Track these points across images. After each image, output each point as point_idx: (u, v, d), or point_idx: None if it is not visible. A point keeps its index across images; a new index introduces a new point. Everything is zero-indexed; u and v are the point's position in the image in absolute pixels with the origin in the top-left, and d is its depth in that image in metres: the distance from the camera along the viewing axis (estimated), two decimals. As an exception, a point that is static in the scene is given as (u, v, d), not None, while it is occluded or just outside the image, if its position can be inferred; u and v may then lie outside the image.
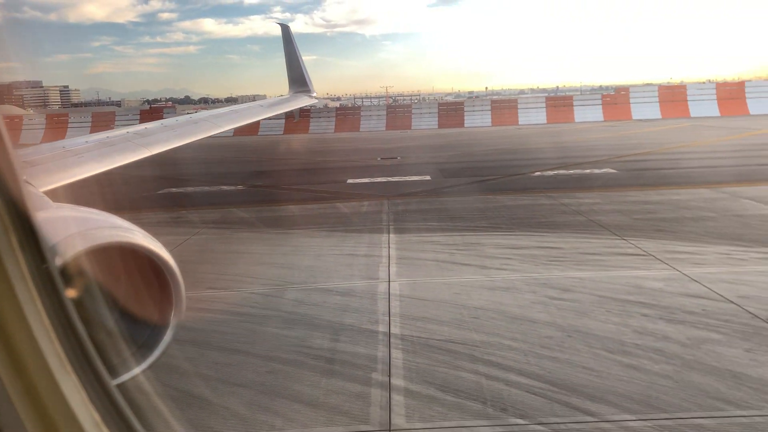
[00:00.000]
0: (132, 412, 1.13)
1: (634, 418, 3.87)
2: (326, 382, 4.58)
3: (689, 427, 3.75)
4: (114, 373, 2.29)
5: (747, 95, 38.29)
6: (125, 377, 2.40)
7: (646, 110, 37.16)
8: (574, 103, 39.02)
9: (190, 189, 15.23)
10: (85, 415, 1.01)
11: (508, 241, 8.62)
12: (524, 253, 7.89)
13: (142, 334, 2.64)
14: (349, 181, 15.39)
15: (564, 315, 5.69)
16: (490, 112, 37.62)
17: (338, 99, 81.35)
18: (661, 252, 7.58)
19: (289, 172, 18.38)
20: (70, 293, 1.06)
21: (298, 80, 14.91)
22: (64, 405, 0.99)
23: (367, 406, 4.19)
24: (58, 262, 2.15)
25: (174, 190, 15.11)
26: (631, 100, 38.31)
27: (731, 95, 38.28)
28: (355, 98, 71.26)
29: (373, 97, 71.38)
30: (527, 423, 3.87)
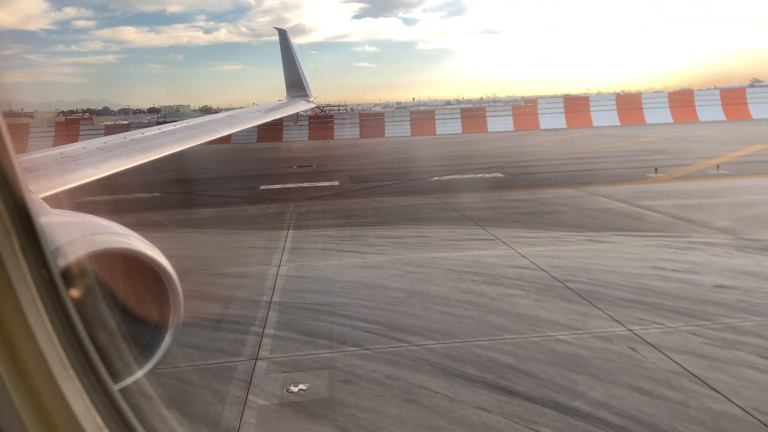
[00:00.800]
0: (134, 416, 1.14)
1: (435, 343, 5.44)
2: (213, 334, 5.91)
3: (472, 347, 5.35)
4: (116, 376, 2.33)
5: (644, 106, 42.32)
6: (127, 381, 2.44)
7: (552, 120, 40.33)
8: (487, 114, 41.75)
9: (107, 197, 16.00)
10: (87, 419, 1.02)
11: (390, 233, 10.21)
12: (399, 241, 9.49)
13: (142, 338, 2.71)
14: (262, 187, 16.65)
15: (413, 283, 7.27)
16: (409, 123, 39.77)
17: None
18: (507, 237, 9.35)
19: (208, 180, 19.40)
20: (72, 297, 1.17)
21: (296, 85, 14.95)
22: (67, 409, 0.99)
23: (242, 347, 5.56)
24: (59, 267, 2.20)
25: (90, 198, 15.82)
26: (539, 111, 41.46)
27: (630, 105, 42.19)
28: (281, 109, 71.83)
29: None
30: (357, 349, 5.37)
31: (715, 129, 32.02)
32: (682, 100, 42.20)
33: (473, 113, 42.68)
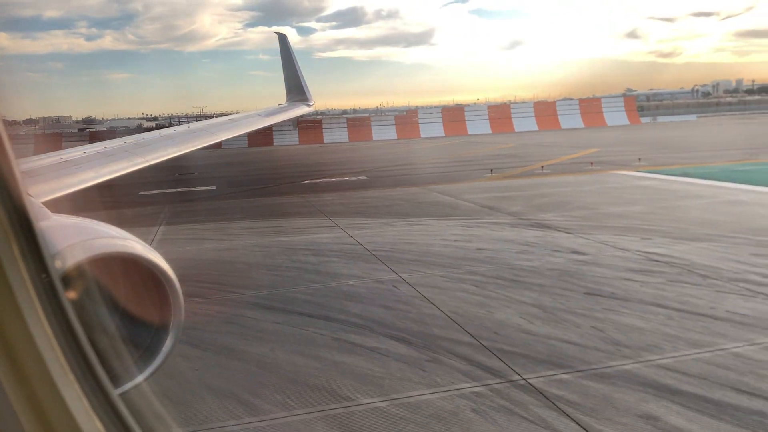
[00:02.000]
0: (134, 421, 1.15)
1: (259, 291, 7.54)
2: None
3: (286, 293, 7.50)
4: (116, 381, 2.34)
5: (513, 116, 46.95)
6: (127, 386, 2.45)
7: (432, 129, 43.88)
8: (372, 124, 44.69)
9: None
10: (87, 423, 1.02)
11: (250, 225, 12.21)
12: (256, 231, 11.52)
13: (143, 342, 2.72)
14: (141, 192, 18.02)
15: (257, 258, 9.34)
16: (297, 133, 41.81)
17: (155, 119, 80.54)
18: (345, 224, 11.65)
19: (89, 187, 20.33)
20: (71, 302, 1.13)
21: (296, 89, 14.82)
22: (67, 413, 1.00)
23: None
24: (59, 271, 2.18)
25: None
26: (420, 121, 44.94)
27: (500, 115, 46.71)
28: (171, 118, 71.36)
29: (190, 117, 72.06)
30: (198, 299, 7.35)
31: (568, 135, 36.66)
32: (545, 110, 47.32)
33: (360, 123, 45.48)
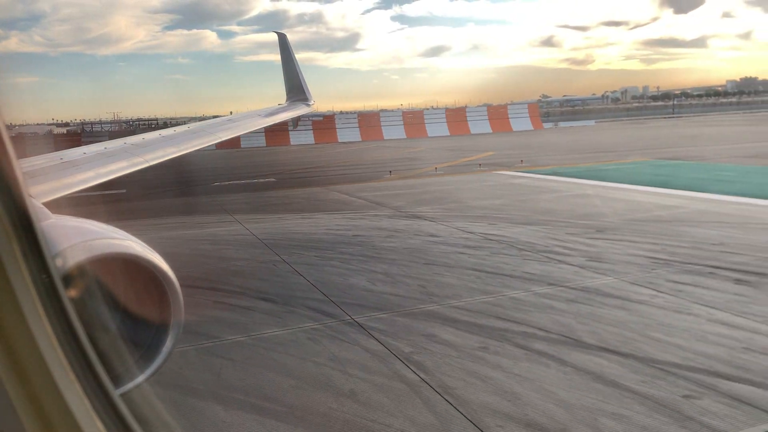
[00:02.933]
0: (135, 420, 1.16)
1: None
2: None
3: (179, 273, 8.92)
4: (117, 381, 2.36)
5: (426, 121, 49.49)
6: (129, 385, 2.47)
7: (349, 134, 45.72)
8: (289, 129, 45.95)
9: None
10: (88, 423, 1.02)
11: (156, 221, 13.44)
12: (162, 226, 12.78)
13: (143, 343, 2.74)
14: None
15: (159, 248, 10.66)
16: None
17: (66, 125, 78.03)
18: (244, 220, 13.11)
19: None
20: (72, 302, 1.13)
21: (296, 89, 14.88)
22: (68, 414, 1.00)
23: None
24: (60, 272, 2.16)
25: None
26: (337, 126, 46.66)
27: (414, 121, 49.15)
28: (83, 123, 69.48)
29: (104, 122, 70.44)
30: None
31: (474, 140, 39.36)
32: (456, 116, 50.23)
33: (278, 128, 46.61)
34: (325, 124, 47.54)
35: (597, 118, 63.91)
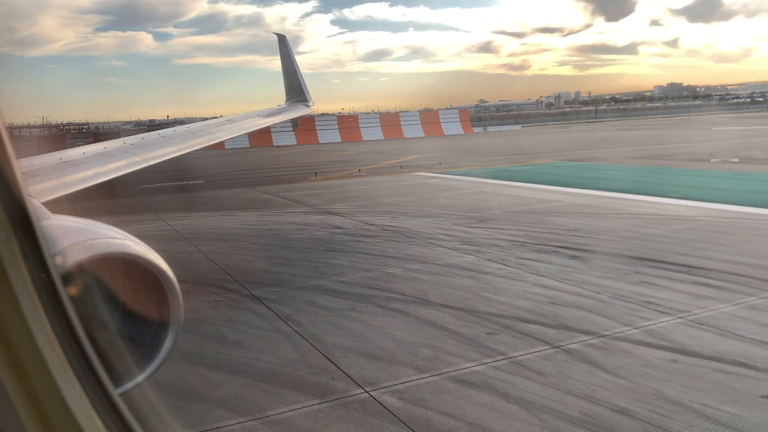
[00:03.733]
0: (135, 420, 1.16)
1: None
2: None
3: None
4: (117, 380, 2.38)
5: (361, 126, 51.02)
6: (128, 385, 2.49)
7: (284, 138, 46.68)
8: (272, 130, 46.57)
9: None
10: (88, 423, 1.03)
11: (84, 221, 14.29)
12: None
13: (143, 342, 2.77)
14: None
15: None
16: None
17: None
18: (169, 218, 14.13)
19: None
20: (72, 301, 1.10)
21: (295, 90, 14.77)
22: (67, 413, 1.01)
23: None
24: (59, 271, 1.93)
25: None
26: (272, 130, 47.50)
27: (349, 125, 50.61)
28: (11, 128, 67.30)
29: (33, 126, 68.59)
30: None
31: (405, 144, 41.07)
32: (391, 121, 52.03)
33: (264, 129, 47.02)
34: (261, 129, 48.24)
35: (533, 122, 67.25)
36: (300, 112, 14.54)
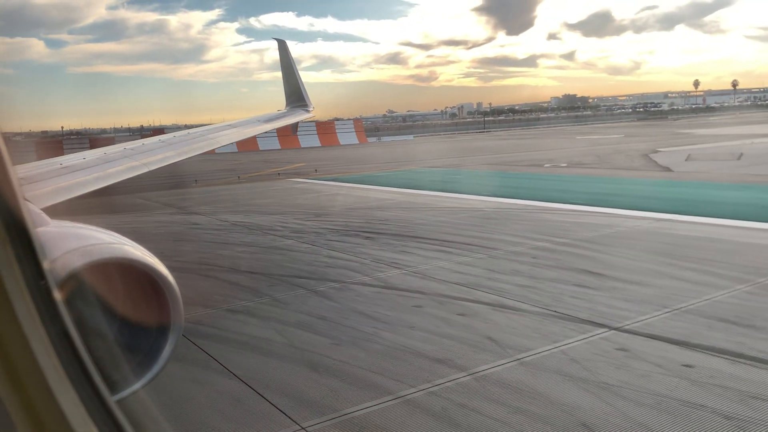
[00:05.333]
0: (132, 428, 1.16)
1: None
2: None
3: None
4: (114, 388, 2.32)
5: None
6: (125, 393, 2.48)
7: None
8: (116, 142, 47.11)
9: None
10: (84, 430, 1.03)
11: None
12: None
13: (141, 349, 2.76)
14: None
15: None
16: (34, 150, 42.59)
17: None
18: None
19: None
20: (68, 308, 1.10)
21: (295, 95, 14.78)
22: (63, 421, 1.00)
23: None
24: (57, 278, 2.20)
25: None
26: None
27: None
28: None
29: None
30: None
31: (297, 153, 43.44)
32: (286, 131, 54.15)
33: (105, 142, 47.54)
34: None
35: (431, 132, 71.46)
36: (300, 117, 14.70)
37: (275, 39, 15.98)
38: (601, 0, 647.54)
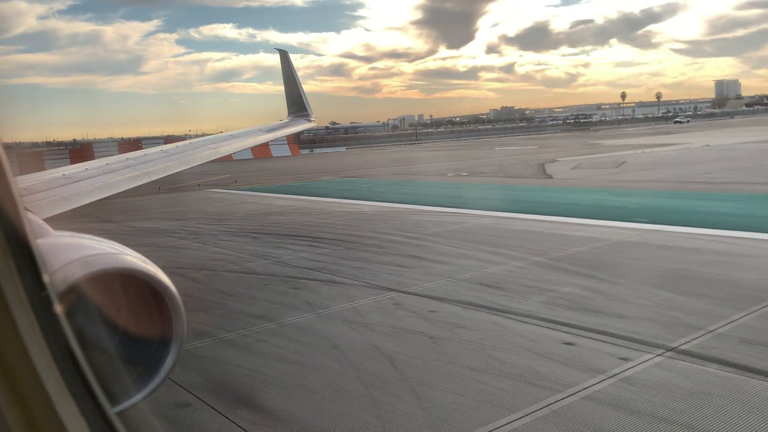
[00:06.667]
0: None
1: None
2: None
3: None
4: (114, 400, 2.33)
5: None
6: (126, 404, 2.46)
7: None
8: (46, 157, 47.32)
9: None
10: None
11: None
12: None
13: (143, 359, 2.75)
14: None
15: None
16: None
17: None
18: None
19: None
20: (69, 319, 1.10)
21: (297, 105, 14.97)
22: None
23: None
24: (58, 289, 2.21)
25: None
26: (95, 152, 49.05)
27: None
28: None
29: None
30: None
31: (229, 165, 44.62)
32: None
33: (33, 157, 47.60)
34: (81, 152, 49.53)
35: (365, 144, 73.79)
36: (302, 126, 15.11)
37: (278, 50, 16.28)
38: (538, 14, 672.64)
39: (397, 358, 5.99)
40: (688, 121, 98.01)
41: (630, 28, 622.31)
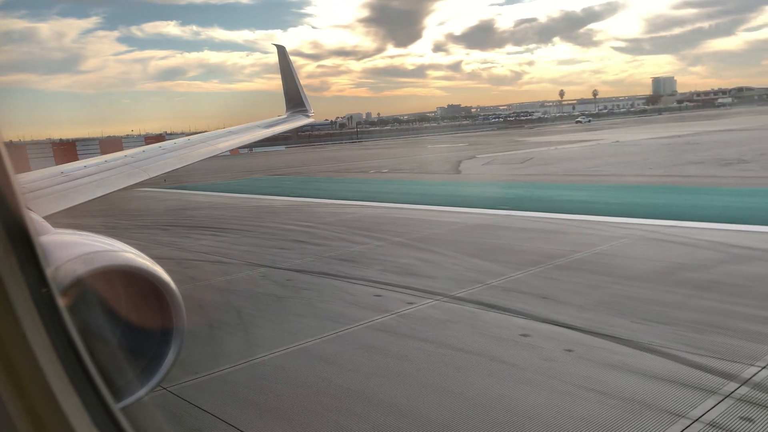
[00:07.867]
0: None
1: None
2: None
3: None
4: (118, 395, 2.39)
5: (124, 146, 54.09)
6: (129, 400, 2.54)
7: (42, 163, 48.30)
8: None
9: None
10: None
11: None
12: None
13: (145, 355, 2.80)
14: None
15: None
16: None
17: None
18: None
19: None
20: (72, 316, 1.10)
21: (295, 100, 14.87)
22: (67, 428, 1.02)
23: None
24: (59, 286, 2.28)
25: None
26: (29, 156, 48.88)
27: (114, 149, 53.41)
28: None
29: None
30: None
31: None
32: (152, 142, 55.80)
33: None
34: (14, 153, 49.11)
35: (310, 143, 75.07)
36: (300, 122, 14.82)
37: (275, 45, 16.21)
38: (483, 13, 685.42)
39: (244, 311, 7.78)
40: (589, 121, 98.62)
41: (572, 27, 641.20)
